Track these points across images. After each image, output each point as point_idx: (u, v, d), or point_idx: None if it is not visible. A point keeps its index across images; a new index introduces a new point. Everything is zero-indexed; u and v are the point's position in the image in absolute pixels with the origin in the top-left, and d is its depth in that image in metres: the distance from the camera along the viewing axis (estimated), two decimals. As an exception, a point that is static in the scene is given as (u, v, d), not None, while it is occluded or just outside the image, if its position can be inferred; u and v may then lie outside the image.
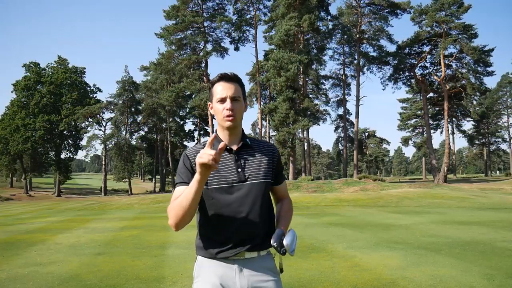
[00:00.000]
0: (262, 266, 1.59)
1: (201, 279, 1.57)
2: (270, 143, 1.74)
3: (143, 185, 67.98)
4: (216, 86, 1.61)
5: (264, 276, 1.57)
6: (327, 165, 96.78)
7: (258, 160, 1.63)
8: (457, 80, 37.00)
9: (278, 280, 1.62)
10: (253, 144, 1.67)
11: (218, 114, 1.59)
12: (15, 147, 44.27)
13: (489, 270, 4.74)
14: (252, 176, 1.59)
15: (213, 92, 1.61)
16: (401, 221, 10.48)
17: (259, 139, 1.75)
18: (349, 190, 24.35)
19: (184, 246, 7.10)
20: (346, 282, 4.38)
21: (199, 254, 1.62)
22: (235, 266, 1.55)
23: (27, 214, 19.28)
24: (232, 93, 1.57)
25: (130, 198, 30.62)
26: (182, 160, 1.61)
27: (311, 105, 33.27)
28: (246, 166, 1.60)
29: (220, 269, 1.55)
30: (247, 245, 1.55)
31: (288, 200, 1.79)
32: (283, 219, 1.68)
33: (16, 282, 4.72)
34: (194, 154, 1.58)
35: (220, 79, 1.60)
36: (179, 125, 51.43)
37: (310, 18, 30.70)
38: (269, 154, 1.67)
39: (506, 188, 25.61)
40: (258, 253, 1.59)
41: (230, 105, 1.55)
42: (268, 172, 1.63)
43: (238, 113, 1.58)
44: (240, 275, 1.55)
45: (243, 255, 1.56)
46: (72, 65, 50.61)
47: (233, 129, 1.60)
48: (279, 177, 1.73)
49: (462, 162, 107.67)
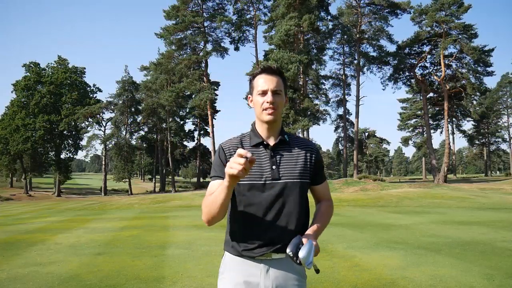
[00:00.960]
0: (289, 268, 1.54)
1: (226, 276, 1.55)
2: (309, 141, 1.68)
3: (143, 185, 67.95)
4: (258, 78, 1.57)
5: (290, 279, 1.53)
6: (327, 165, 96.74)
7: (295, 158, 1.57)
8: (457, 80, 37.00)
9: (303, 284, 1.57)
10: (291, 141, 1.61)
11: (257, 107, 1.55)
12: (15, 147, 44.26)
13: (489, 270, 4.74)
14: (287, 174, 1.53)
15: (254, 85, 1.57)
16: (401, 221, 10.48)
17: (298, 136, 1.69)
18: (349, 190, 24.34)
19: (184, 246, 7.10)
20: (346, 282, 4.38)
21: (227, 250, 1.59)
22: (261, 265, 1.51)
23: (27, 214, 19.27)
24: (274, 86, 1.53)
25: (130, 198, 30.61)
26: (218, 153, 1.57)
27: (311, 105, 33.27)
28: (281, 164, 1.54)
29: (246, 268, 1.52)
30: (275, 246, 1.49)
31: (328, 203, 1.70)
32: (316, 222, 1.59)
33: (16, 282, 4.72)
34: (230, 147, 1.56)
35: (262, 72, 1.56)
36: (179, 125, 51.42)
37: (310, 18, 30.70)
38: (307, 152, 1.60)
39: (506, 188, 25.62)
40: (286, 254, 1.55)
41: (272, 98, 1.51)
42: (304, 171, 1.57)
43: (279, 106, 1.54)
44: (265, 275, 1.50)
45: (270, 256, 1.51)
46: (72, 65, 50.66)
47: (273, 123, 1.55)
48: (319, 176, 1.65)
49: (462, 162, 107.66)
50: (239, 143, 1.58)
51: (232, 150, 1.54)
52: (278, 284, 1.50)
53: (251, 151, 1.53)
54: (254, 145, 1.56)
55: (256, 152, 1.54)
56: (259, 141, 1.56)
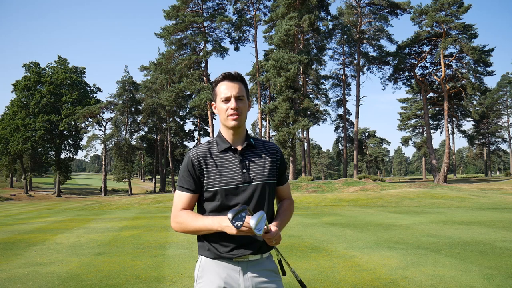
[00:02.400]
0: (265, 268, 1.59)
1: (205, 280, 1.56)
2: (273, 144, 1.73)
3: (143, 185, 67.96)
4: (220, 85, 1.59)
5: (267, 278, 1.58)
6: (327, 165, 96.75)
7: (263, 160, 1.62)
8: (457, 80, 37.02)
9: (279, 281, 1.62)
10: (257, 144, 1.66)
11: (222, 113, 1.58)
12: (15, 147, 44.27)
13: (489, 270, 4.74)
14: (257, 177, 1.58)
15: (217, 92, 1.60)
16: (401, 221, 10.47)
17: (262, 139, 1.73)
18: (349, 190, 24.35)
19: (184, 246, 7.11)
20: (346, 282, 4.38)
21: (202, 254, 1.61)
22: (239, 268, 1.55)
23: (27, 214, 19.27)
24: (237, 92, 1.56)
25: (130, 198, 30.61)
26: (186, 165, 1.59)
27: (311, 105, 33.27)
28: (251, 167, 1.59)
29: (224, 271, 1.55)
30: (251, 247, 1.54)
31: (289, 201, 1.77)
32: (279, 216, 1.64)
33: (16, 282, 4.72)
34: (198, 155, 1.58)
35: (224, 79, 1.59)
36: (179, 125, 51.44)
37: (310, 18, 30.70)
38: (273, 154, 1.66)
39: (506, 188, 25.62)
40: (261, 255, 1.59)
41: (235, 104, 1.55)
42: (272, 173, 1.63)
43: (242, 112, 1.58)
44: (244, 277, 1.54)
45: (247, 257, 1.55)
46: (72, 65, 50.68)
47: (238, 128, 1.59)
48: (283, 177, 1.72)
49: (462, 162, 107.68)
50: (207, 150, 1.61)
51: (201, 158, 1.57)
52: (257, 283, 1.55)
53: (221, 156, 1.59)
54: (222, 151, 1.60)
55: (225, 157, 1.59)
56: (227, 146, 1.60)
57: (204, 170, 1.56)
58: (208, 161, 1.57)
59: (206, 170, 1.55)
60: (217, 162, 1.57)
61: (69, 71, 49.28)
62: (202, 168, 1.56)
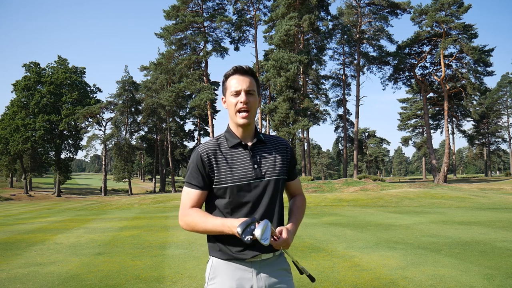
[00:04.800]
0: (278, 268, 1.57)
1: (217, 281, 1.53)
2: (283, 139, 1.70)
3: (143, 185, 67.95)
4: (230, 79, 1.56)
5: (280, 278, 1.55)
6: (327, 165, 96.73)
7: (273, 156, 1.59)
8: (457, 80, 37.01)
9: (291, 281, 1.60)
10: (266, 140, 1.63)
11: (231, 108, 1.55)
12: (15, 147, 44.26)
13: (489, 270, 4.73)
14: (268, 173, 1.55)
15: (227, 86, 1.57)
16: (401, 221, 10.47)
17: (271, 135, 1.71)
18: (349, 190, 24.34)
19: (184, 246, 7.10)
20: (346, 282, 4.38)
21: (214, 255, 1.57)
22: (252, 269, 1.52)
23: (27, 214, 19.27)
24: (247, 86, 1.53)
25: (130, 198, 30.60)
26: (195, 161, 1.54)
27: (311, 105, 33.27)
28: (262, 163, 1.56)
29: (237, 272, 1.51)
30: (264, 246, 1.49)
31: (302, 197, 1.74)
32: (294, 215, 1.63)
33: (16, 282, 4.72)
34: (207, 151, 1.54)
35: (235, 72, 1.56)
36: (179, 125, 51.45)
37: (310, 18, 30.70)
38: (283, 149, 1.64)
39: (506, 188, 25.62)
40: (274, 253, 1.56)
41: (245, 98, 1.52)
42: (283, 168, 1.60)
43: (252, 107, 1.54)
44: (257, 277, 1.51)
45: (260, 256, 1.52)
46: (72, 65, 50.68)
47: (247, 126, 1.56)
48: (293, 173, 1.69)
49: (462, 162, 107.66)
50: (216, 145, 1.56)
51: (211, 154, 1.53)
52: (270, 283, 1.52)
53: (231, 152, 1.55)
54: (232, 146, 1.57)
55: (235, 153, 1.56)
56: (237, 142, 1.57)
57: (214, 166, 1.51)
58: (218, 157, 1.53)
59: (216, 166, 1.51)
60: (228, 158, 1.53)
61: (69, 71, 49.27)
62: (212, 164, 1.51)
